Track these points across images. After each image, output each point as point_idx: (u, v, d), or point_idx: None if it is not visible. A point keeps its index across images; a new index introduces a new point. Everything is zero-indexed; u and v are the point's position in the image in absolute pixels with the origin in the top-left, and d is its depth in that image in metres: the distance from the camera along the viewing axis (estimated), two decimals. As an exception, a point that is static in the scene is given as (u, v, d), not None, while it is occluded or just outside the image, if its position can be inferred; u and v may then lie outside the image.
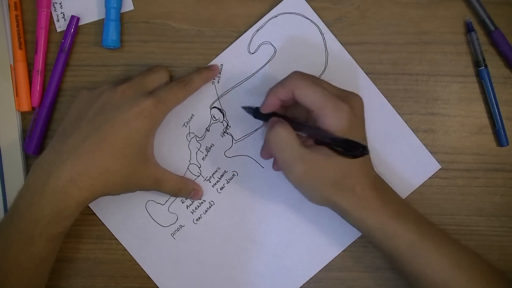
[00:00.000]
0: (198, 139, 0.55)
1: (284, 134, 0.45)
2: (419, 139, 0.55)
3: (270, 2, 0.54)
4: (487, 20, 0.53)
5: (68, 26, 0.54)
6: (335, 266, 0.55)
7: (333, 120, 0.45)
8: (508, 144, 0.54)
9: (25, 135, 0.55)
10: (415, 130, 0.55)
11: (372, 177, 0.48)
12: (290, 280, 0.55)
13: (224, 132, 0.55)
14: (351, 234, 0.55)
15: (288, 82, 0.47)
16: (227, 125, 0.55)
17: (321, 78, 0.52)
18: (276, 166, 0.52)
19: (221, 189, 0.55)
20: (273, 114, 0.48)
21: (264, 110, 0.49)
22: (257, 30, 0.54)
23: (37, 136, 0.54)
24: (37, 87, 0.54)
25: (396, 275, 0.55)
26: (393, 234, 0.47)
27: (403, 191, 0.54)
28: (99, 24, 0.55)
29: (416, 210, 0.50)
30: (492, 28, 0.53)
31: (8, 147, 0.54)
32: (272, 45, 0.55)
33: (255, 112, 0.51)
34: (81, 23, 0.55)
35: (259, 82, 0.55)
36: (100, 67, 0.55)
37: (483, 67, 0.54)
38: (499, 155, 0.55)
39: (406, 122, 0.55)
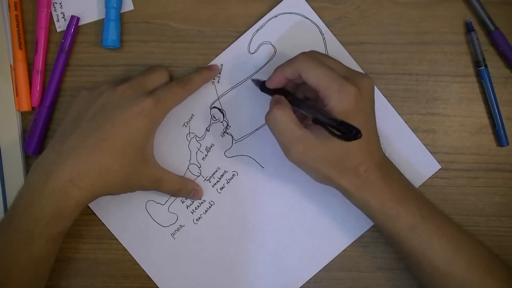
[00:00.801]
0: (198, 139, 0.55)
1: (280, 116, 0.46)
2: (419, 139, 0.55)
3: (270, 2, 0.54)
4: (487, 20, 0.53)
5: (68, 26, 0.54)
6: (335, 266, 0.55)
7: (337, 102, 0.45)
8: (508, 144, 0.54)
9: (25, 135, 0.55)
10: (415, 130, 0.55)
11: (377, 158, 0.48)
12: (290, 280, 0.55)
13: (224, 132, 0.55)
14: (352, 234, 0.55)
15: (295, 62, 0.47)
16: (227, 125, 0.55)
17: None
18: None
19: (221, 189, 0.55)
20: (279, 89, 0.49)
21: (269, 86, 0.49)
22: (257, 30, 0.54)
23: (37, 136, 0.54)
24: (37, 87, 0.54)
25: (397, 275, 0.55)
26: (395, 216, 0.47)
27: (403, 191, 0.54)
28: (99, 24, 0.55)
29: (421, 193, 0.50)
30: (492, 28, 0.53)
31: (8, 147, 0.54)
32: (272, 45, 0.55)
33: (261, 86, 0.51)
34: (81, 23, 0.55)
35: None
36: (100, 67, 0.55)
37: (483, 67, 0.54)
38: (499, 155, 0.55)
39: (406, 122, 0.55)
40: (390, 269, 0.55)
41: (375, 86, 0.54)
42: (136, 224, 0.55)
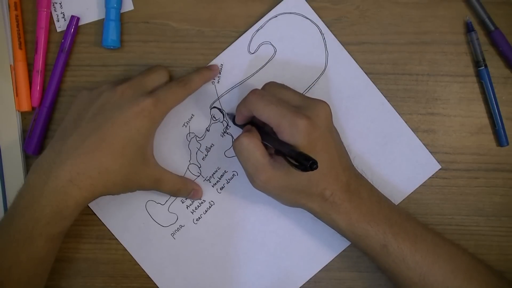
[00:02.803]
0: (198, 139, 0.55)
1: (247, 144, 0.47)
2: (419, 139, 0.55)
3: (270, 2, 0.54)
4: (487, 20, 0.53)
5: (68, 26, 0.54)
6: (335, 266, 0.55)
7: (290, 137, 0.45)
8: (508, 144, 0.54)
9: (25, 135, 0.55)
10: (415, 130, 0.55)
11: (343, 180, 0.48)
12: (290, 280, 0.55)
13: (224, 132, 0.55)
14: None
15: (246, 101, 0.48)
16: (227, 125, 0.55)
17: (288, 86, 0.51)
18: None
19: (221, 189, 0.55)
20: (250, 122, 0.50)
21: (237, 122, 0.51)
22: (257, 30, 0.54)
23: (37, 136, 0.54)
24: (37, 87, 0.54)
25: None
26: (364, 236, 0.48)
27: (403, 191, 0.54)
28: (99, 24, 0.55)
29: (396, 209, 0.50)
30: (492, 28, 0.53)
31: (8, 147, 0.54)
32: (272, 45, 0.55)
33: (233, 120, 0.53)
34: (81, 23, 0.55)
35: (259, 82, 0.55)
36: (100, 67, 0.55)
37: (483, 67, 0.54)
38: (499, 155, 0.55)
39: (406, 122, 0.55)
40: (390, 269, 0.55)
41: (375, 86, 0.54)
42: (136, 224, 0.55)
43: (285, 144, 0.45)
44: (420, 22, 0.54)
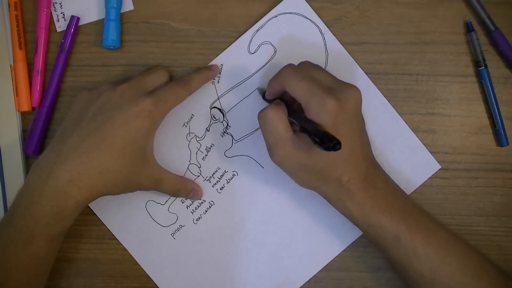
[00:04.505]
0: (198, 139, 0.55)
1: (272, 116, 0.47)
2: (419, 139, 0.55)
3: (270, 2, 0.54)
4: (487, 20, 0.53)
5: (68, 26, 0.54)
6: (335, 266, 0.55)
7: (317, 115, 0.45)
8: (508, 144, 0.54)
9: (25, 135, 0.55)
10: (415, 130, 0.55)
11: (361, 169, 0.48)
12: (290, 280, 0.55)
13: (224, 132, 0.55)
14: (352, 234, 0.55)
15: (279, 75, 0.48)
16: (227, 125, 0.55)
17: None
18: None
19: (221, 189, 0.55)
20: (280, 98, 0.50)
21: (268, 97, 0.51)
22: (257, 30, 0.54)
23: (37, 136, 0.54)
24: (37, 87, 0.54)
25: (396, 275, 0.55)
26: (377, 226, 0.47)
27: (403, 191, 0.54)
28: (99, 24, 0.55)
29: (411, 201, 0.50)
30: (492, 28, 0.53)
31: (8, 147, 0.54)
32: (272, 45, 0.55)
33: (263, 96, 0.53)
34: (81, 23, 0.55)
35: (259, 82, 0.55)
36: (100, 67, 0.55)
37: (483, 67, 0.54)
38: (499, 155, 0.55)
39: (406, 122, 0.55)
40: (390, 269, 0.55)
41: (375, 86, 0.54)
42: (136, 224, 0.55)
43: (310, 122, 0.45)
44: (420, 22, 0.54)
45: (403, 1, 0.55)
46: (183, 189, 0.54)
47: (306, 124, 0.45)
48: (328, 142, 0.41)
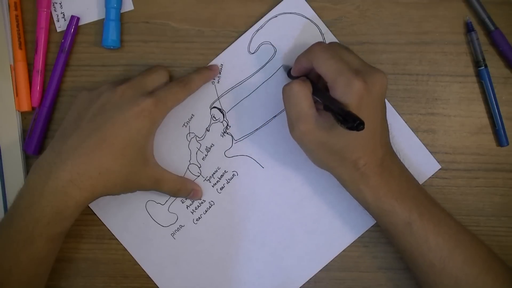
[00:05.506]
0: (198, 139, 0.55)
1: (297, 91, 0.46)
2: (419, 139, 0.55)
3: (270, 2, 0.54)
4: (487, 20, 0.53)
5: (68, 26, 0.54)
6: (335, 266, 0.55)
7: (342, 95, 0.45)
8: (508, 144, 0.54)
9: (25, 135, 0.55)
10: (415, 130, 0.55)
11: (379, 154, 0.48)
12: (290, 280, 0.55)
13: (224, 132, 0.55)
14: (352, 234, 0.55)
15: (309, 51, 0.48)
16: (227, 125, 0.55)
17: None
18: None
19: (221, 189, 0.55)
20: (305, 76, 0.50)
21: (293, 74, 0.51)
22: (257, 30, 0.54)
23: (37, 136, 0.54)
24: (37, 87, 0.54)
25: (397, 275, 0.55)
26: (390, 211, 0.47)
27: (403, 191, 0.54)
28: (99, 24, 0.55)
29: (424, 190, 0.50)
30: (492, 28, 0.53)
31: (8, 147, 0.54)
32: (272, 45, 0.55)
33: (288, 72, 0.53)
34: (81, 23, 0.55)
35: (259, 82, 0.55)
36: (100, 67, 0.55)
37: (483, 67, 0.54)
38: (499, 155, 0.55)
39: (406, 122, 0.55)
40: (390, 269, 0.55)
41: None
42: (136, 224, 0.55)
43: (335, 101, 0.45)
44: (420, 22, 0.54)
45: (403, 1, 0.54)
46: (183, 189, 0.53)
47: (330, 103, 0.45)
48: (351, 122, 0.41)
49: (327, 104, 0.45)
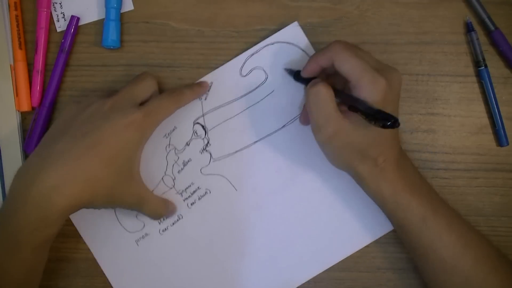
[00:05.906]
0: (176, 151, 0.54)
1: (325, 93, 0.46)
2: (419, 139, 0.55)
3: (270, 2, 0.54)
4: (487, 20, 0.53)
5: (68, 26, 0.54)
6: (335, 266, 0.55)
7: (369, 93, 0.45)
8: (508, 144, 0.54)
9: (25, 135, 0.55)
10: (415, 130, 0.55)
11: (396, 150, 0.48)
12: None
13: (204, 149, 0.54)
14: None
15: (329, 50, 0.47)
16: (208, 142, 0.54)
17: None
18: (303, 118, 0.53)
19: (191, 204, 0.54)
20: (313, 79, 0.49)
21: (304, 75, 0.50)
22: (252, 54, 0.54)
23: (37, 136, 0.54)
24: (37, 87, 0.54)
25: (397, 275, 0.55)
26: (406, 205, 0.48)
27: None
28: (99, 24, 0.55)
29: (433, 189, 0.51)
30: (492, 28, 0.53)
31: (8, 147, 0.54)
32: (264, 71, 0.54)
33: (295, 75, 0.52)
34: (81, 23, 0.55)
35: (246, 105, 0.54)
36: (100, 67, 0.55)
37: (483, 67, 0.54)
38: (499, 155, 0.55)
39: (406, 122, 0.55)
40: (390, 269, 0.55)
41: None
42: (103, 225, 0.54)
43: (360, 101, 0.45)
44: (420, 22, 0.54)
45: (403, 1, 0.54)
46: (164, 213, 0.53)
47: (356, 103, 0.45)
48: (384, 120, 0.41)
49: (353, 104, 0.45)
